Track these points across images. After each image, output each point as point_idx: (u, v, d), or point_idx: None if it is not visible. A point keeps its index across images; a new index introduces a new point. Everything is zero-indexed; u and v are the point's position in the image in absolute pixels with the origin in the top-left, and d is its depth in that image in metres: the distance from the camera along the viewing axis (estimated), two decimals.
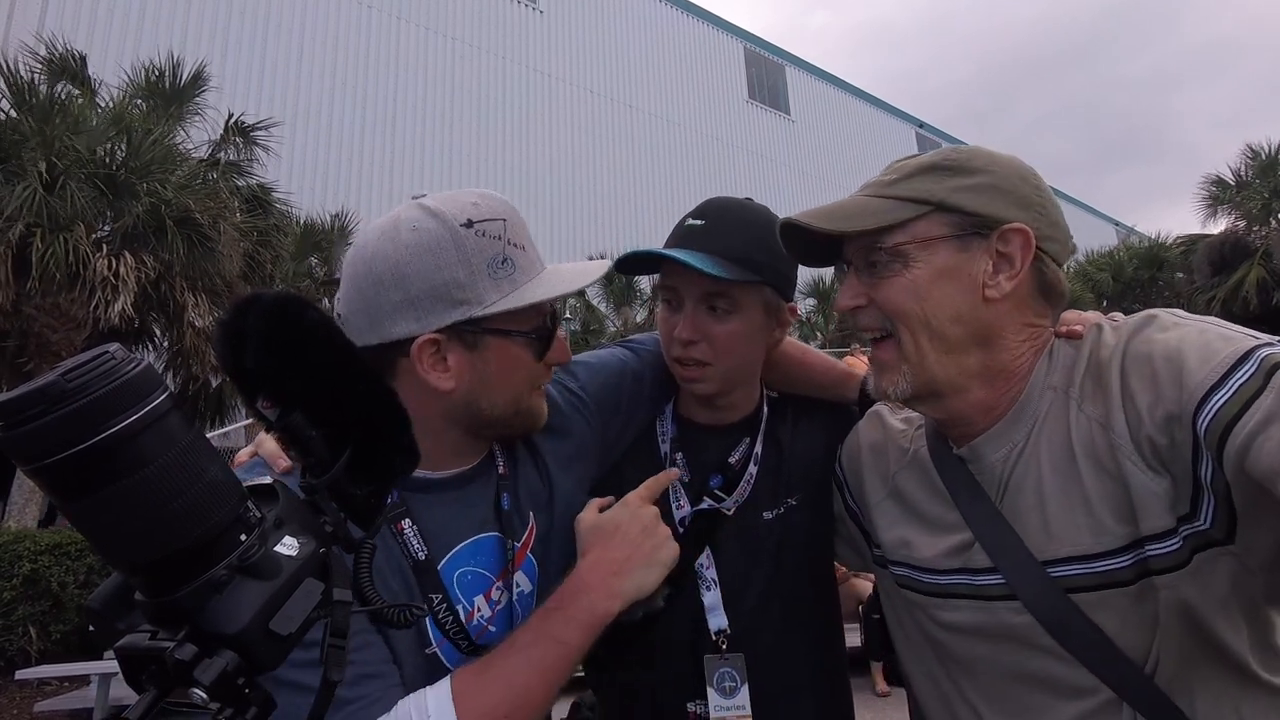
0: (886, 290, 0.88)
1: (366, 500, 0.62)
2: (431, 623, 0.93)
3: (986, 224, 0.86)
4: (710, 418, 1.25)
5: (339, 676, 0.55)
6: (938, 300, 0.86)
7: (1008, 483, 0.90)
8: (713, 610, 1.16)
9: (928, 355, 0.87)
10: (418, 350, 0.91)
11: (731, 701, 1.13)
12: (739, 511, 1.19)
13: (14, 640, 6.49)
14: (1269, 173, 16.12)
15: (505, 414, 0.98)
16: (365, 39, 19.66)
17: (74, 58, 9.78)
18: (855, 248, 0.92)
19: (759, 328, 1.18)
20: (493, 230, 0.92)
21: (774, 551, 1.19)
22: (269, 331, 0.57)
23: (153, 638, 0.48)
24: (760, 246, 1.13)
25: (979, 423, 0.92)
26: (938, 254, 0.87)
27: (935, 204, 0.87)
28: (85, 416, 0.43)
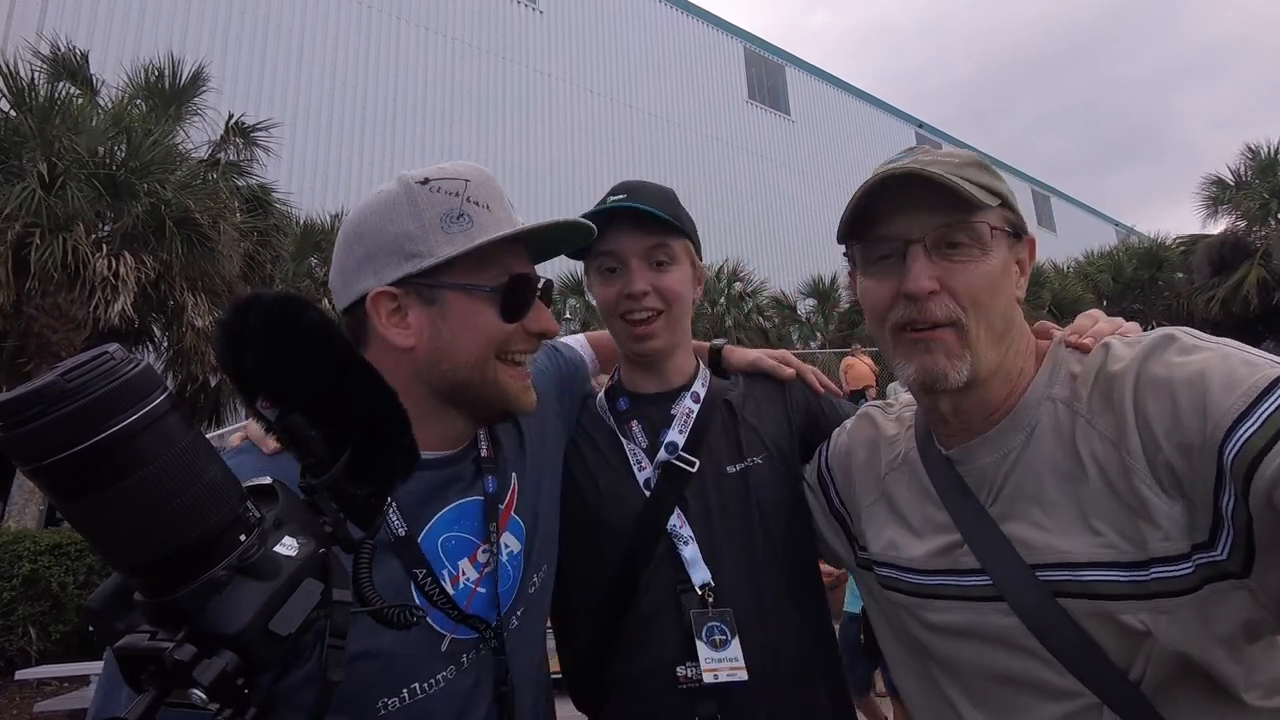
0: (966, 276, 0.87)
1: (366, 500, 0.62)
2: (418, 594, 0.92)
3: (1023, 229, 0.93)
4: (656, 385, 1.31)
5: (338, 677, 0.55)
6: (1001, 292, 0.89)
7: (1001, 486, 0.89)
8: (693, 564, 1.16)
9: (984, 345, 0.88)
10: (372, 303, 0.92)
11: (723, 654, 1.12)
12: (702, 468, 1.22)
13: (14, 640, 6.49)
14: (1268, 173, 16.12)
15: (470, 378, 0.94)
16: (365, 39, 19.66)
17: (75, 56, 9.78)
18: (935, 224, 0.87)
19: (690, 279, 1.28)
20: (449, 187, 0.93)
21: (743, 504, 1.21)
22: (269, 332, 0.57)
23: (152, 638, 0.48)
24: (676, 207, 1.27)
25: (974, 424, 0.93)
26: (1002, 247, 0.89)
27: (1002, 198, 0.89)
28: (85, 417, 0.43)
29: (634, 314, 1.23)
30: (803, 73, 30.66)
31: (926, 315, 0.88)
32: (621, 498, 1.22)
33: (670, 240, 1.23)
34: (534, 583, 1.07)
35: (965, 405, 0.92)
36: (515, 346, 0.97)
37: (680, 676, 1.12)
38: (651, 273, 1.23)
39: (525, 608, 1.04)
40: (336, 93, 18.72)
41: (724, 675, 1.11)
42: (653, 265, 1.23)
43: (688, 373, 1.32)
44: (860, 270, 0.97)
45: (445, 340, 0.93)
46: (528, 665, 1.04)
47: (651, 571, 1.18)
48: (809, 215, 26.74)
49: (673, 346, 1.28)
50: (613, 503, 1.22)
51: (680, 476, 1.21)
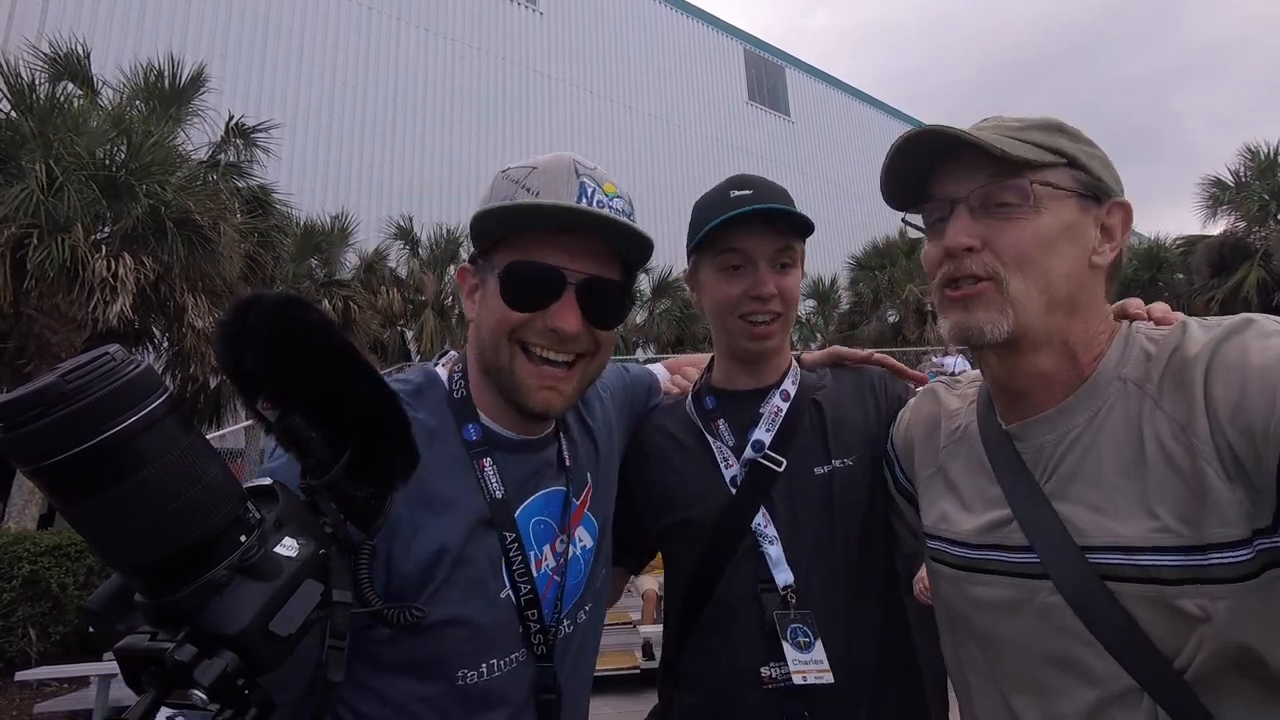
0: (1013, 234, 0.84)
1: (366, 501, 0.62)
2: (505, 568, 0.94)
3: (1104, 191, 0.88)
4: (749, 381, 1.31)
5: (339, 677, 0.55)
6: (1060, 253, 0.85)
7: (1058, 465, 0.87)
8: (778, 565, 1.16)
9: (1033, 305, 0.85)
10: (458, 275, 1.03)
11: (809, 656, 1.12)
12: (790, 468, 1.21)
13: (14, 641, 6.48)
14: (1268, 174, 16.12)
15: (492, 360, 0.97)
16: (365, 40, 19.66)
17: (78, 55, 9.78)
18: (977, 184, 0.86)
19: (800, 280, 1.29)
20: (515, 174, 0.97)
21: (826, 507, 1.19)
22: (270, 333, 0.57)
23: (152, 639, 0.48)
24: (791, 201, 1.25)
25: (1037, 397, 0.90)
26: (1065, 207, 0.86)
27: (1069, 158, 0.86)
28: (85, 418, 0.43)
29: (757, 315, 1.23)
30: (803, 74, 30.67)
31: (962, 269, 0.87)
32: (707, 495, 1.22)
33: (795, 242, 1.24)
34: (600, 577, 1.12)
35: (1019, 372, 0.90)
36: (530, 338, 0.95)
37: (765, 676, 1.12)
38: (776, 275, 1.22)
39: (591, 604, 1.08)
40: (336, 93, 18.73)
41: (811, 677, 1.10)
42: (777, 267, 1.23)
43: (780, 370, 1.31)
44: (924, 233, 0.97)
45: (481, 317, 0.99)
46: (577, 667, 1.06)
47: (734, 568, 1.18)
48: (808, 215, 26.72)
49: (780, 348, 1.30)
50: (699, 499, 1.23)
51: (767, 475, 1.21)
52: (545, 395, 0.96)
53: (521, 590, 0.95)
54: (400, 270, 16.15)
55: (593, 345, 0.99)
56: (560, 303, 0.93)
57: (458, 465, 0.95)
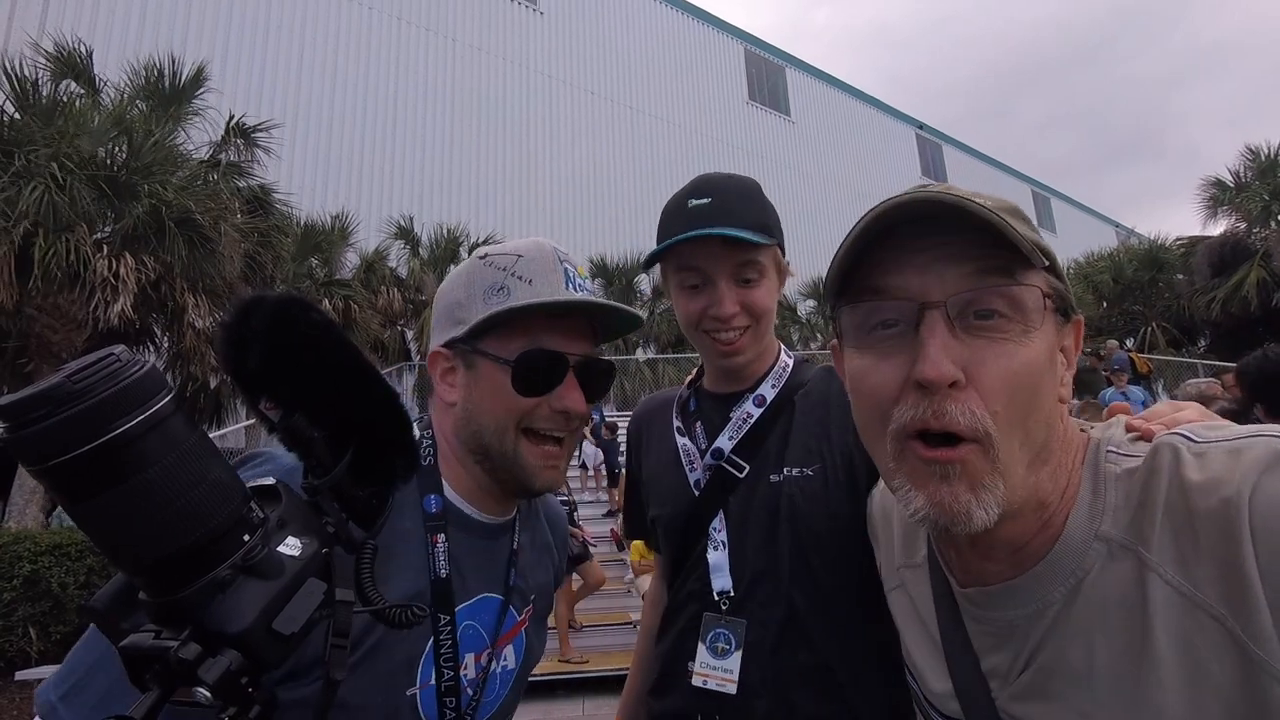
0: (1004, 364, 0.61)
1: (368, 501, 0.62)
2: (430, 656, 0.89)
3: (1071, 306, 0.67)
4: (727, 385, 1.30)
5: (342, 676, 0.55)
6: (1045, 391, 0.62)
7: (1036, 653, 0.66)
8: (717, 570, 1.18)
9: (1018, 468, 0.62)
10: (430, 360, 1.00)
11: (720, 663, 1.12)
12: (749, 474, 1.20)
13: (14, 641, 6.49)
14: (1268, 174, 16.12)
15: (493, 445, 0.95)
16: (365, 40, 19.66)
17: (80, 54, 9.78)
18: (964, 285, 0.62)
19: (776, 286, 1.24)
20: (500, 262, 0.97)
21: (778, 515, 1.15)
22: (272, 333, 0.57)
23: (156, 637, 0.48)
24: (764, 211, 1.20)
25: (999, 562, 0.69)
26: (1048, 326, 0.63)
27: (1050, 262, 0.64)
28: (91, 418, 0.43)
29: (720, 332, 1.20)
30: (803, 74, 30.66)
31: (944, 420, 0.61)
32: (676, 495, 1.26)
33: (759, 256, 1.17)
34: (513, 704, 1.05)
35: (986, 542, 0.68)
36: (539, 423, 0.95)
37: (689, 671, 1.15)
38: (739, 290, 1.18)
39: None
40: (336, 93, 18.73)
41: (713, 684, 1.12)
42: (739, 283, 1.18)
43: (759, 374, 1.27)
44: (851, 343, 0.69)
45: (474, 403, 0.96)
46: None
47: (690, 569, 1.22)
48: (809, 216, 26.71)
49: (757, 355, 1.26)
50: (670, 498, 1.27)
51: (728, 480, 1.21)
52: (549, 474, 0.97)
53: (444, 676, 0.90)
54: (400, 270, 16.16)
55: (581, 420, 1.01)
56: (564, 384, 0.95)
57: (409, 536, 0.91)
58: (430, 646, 0.88)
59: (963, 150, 35.77)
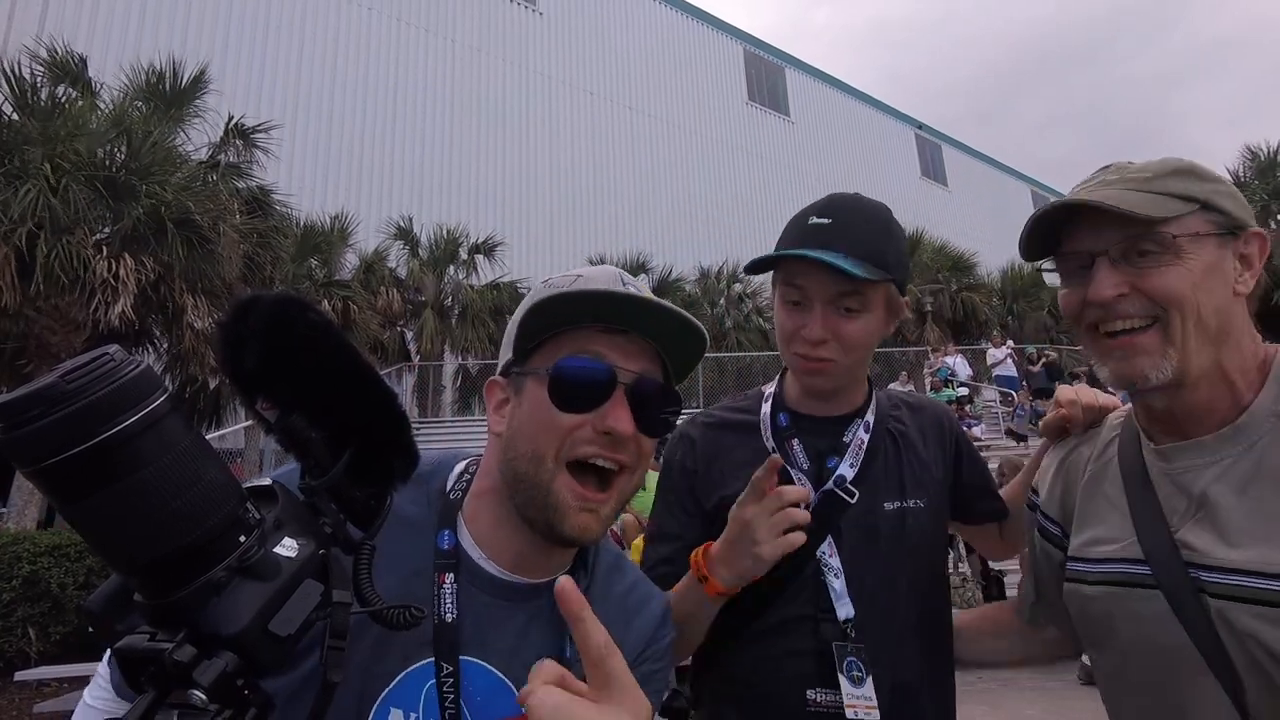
0: (1161, 279, 0.89)
1: (366, 502, 0.62)
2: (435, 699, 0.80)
3: (1238, 225, 0.92)
4: (823, 409, 1.28)
5: (339, 678, 0.55)
6: (1208, 290, 0.89)
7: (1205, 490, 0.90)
8: (840, 598, 1.16)
9: (1191, 343, 0.88)
10: (487, 390, 0.93)
11: (860, 691, 1.12)
12: (861, 500, 1.20)
13: (13, 641, 6.49)
14: (1268, 174, 16.13)
15: (526, 472, 0.84)
16: (365, 40, 19.68)
17: (74, 60, 9.80)
18: (1116, 237, 0.91)
19: (881, 323, 1.21)
20: (560, 283, 0.90)
21: (893, 543, 1.20)
22: (269, 333, 0.57)
23: (152, 639, 0.48)
24: (887, 243, 1.17)
25: (1193, 428, 0.93)
26: (1205, 249, 0.90)
27: (1201, 202, 0.90)
28: (85, 418, 0.43)
29: (807, 355, 1.18)
30: (802, 74, 30.69)
31: (1116, 314, 0.91)
32: None
33: (865, 289, 1.14)
34: None
35: (1179, 407, 0.92)
36: (581, 448, 0.83)
37: (810, 699, 1.14)
38: (837, 318, 1.15)
39: None
40: (336, 94, 18.74)
41: (861, 713, 1.11)
42: (840, 311, 1.15)
43: (858, 401, 1.28)
44: (1061, 283, 1.01)
45: (515, 426, 0.87)
46: None
47: (795, 591, 1.18)
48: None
49: (844, 385, 1.25)
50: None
51: (838, 505, 1.19)
52: (584, 518, 0.84)
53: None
54: (400, 270, 16.17)
55: (635, 457, 0.87)
56: (611, 402, 0.84)
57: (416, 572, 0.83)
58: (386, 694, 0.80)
59: (962, 150, 35.80)
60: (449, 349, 16.03)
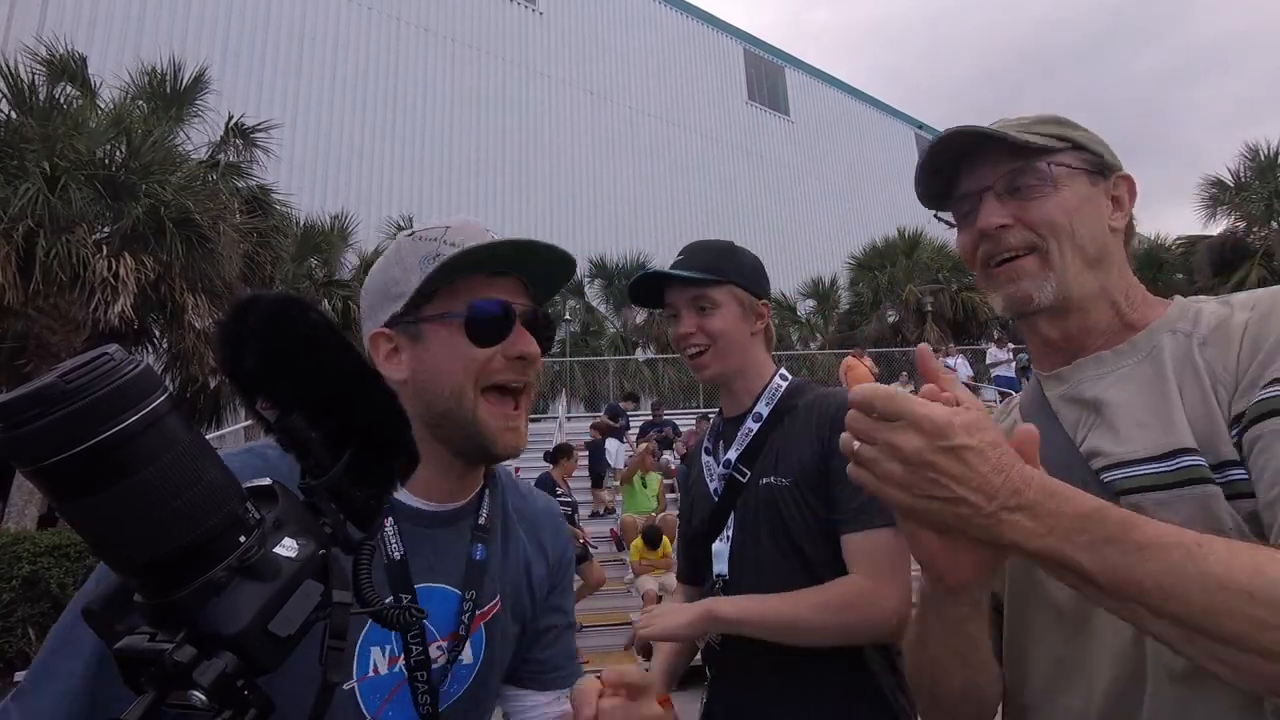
0: (1040, 208, 0.96)
1: (366, 502, 0.62)
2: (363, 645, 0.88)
3: (1107, 167, 1.01)
4: (733, 409, 1.58)
5: (339, 678, 0.55)
6: (1082, 217, 0.97)
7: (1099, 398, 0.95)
8: (718, 557, 1.49)
9: (1071, 266, 0.96)
10: (370, 343, 0.98)
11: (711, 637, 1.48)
12: (750, 479, 1.48)
13: (13, 642, 6.49)
14: (1268, 174, 16.14)
15: (450, 408, 0.94)
16: (365, 40, 19.68)
17: (74, 59, 9.80)
18: (1000, 173, 0.99)
19: (738, 318, 1.52)
20: (429, 234, 0.98)
21: (761, 514, 1.44)
22: (269, 333, 0.57)
23: (151, 639, 0.48)
24: (723, 259, 1.53)
25: (1083, 349, 0.99)
26: (1079, 182, 0.98)
27: (1072, 143, 0.99)
28: (84, 418, 0.43)
29: (688, 350, 1.53)
30: (802, 74, 30.70)
31: (1003, 245, 0.98)
32: (701, 504, 1.57)
33: (709, 290, 1.50)
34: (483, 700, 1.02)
35: (1070, 329, 0.99)
36: (498, 375, 0.96)
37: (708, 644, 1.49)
38: (697, 317, 1.50)
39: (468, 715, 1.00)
40: (336, 94, 18.75)
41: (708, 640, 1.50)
42: (697, 311, 1.51)
43: (753, 394, 1.55)
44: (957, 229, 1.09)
45: (428, 371, 0.95)
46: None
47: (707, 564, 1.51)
48: (808, 216, 26.74)
49: (728, 374, 1.54)
50: (697, 506, 1.59)
51: (736, 485, 1.49)
52: (509, 436, 0.97)
53: (413, 652, 0.90)
54: None
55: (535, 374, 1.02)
56: (515, 332, 0.97)
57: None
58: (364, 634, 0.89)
59: None
60: None
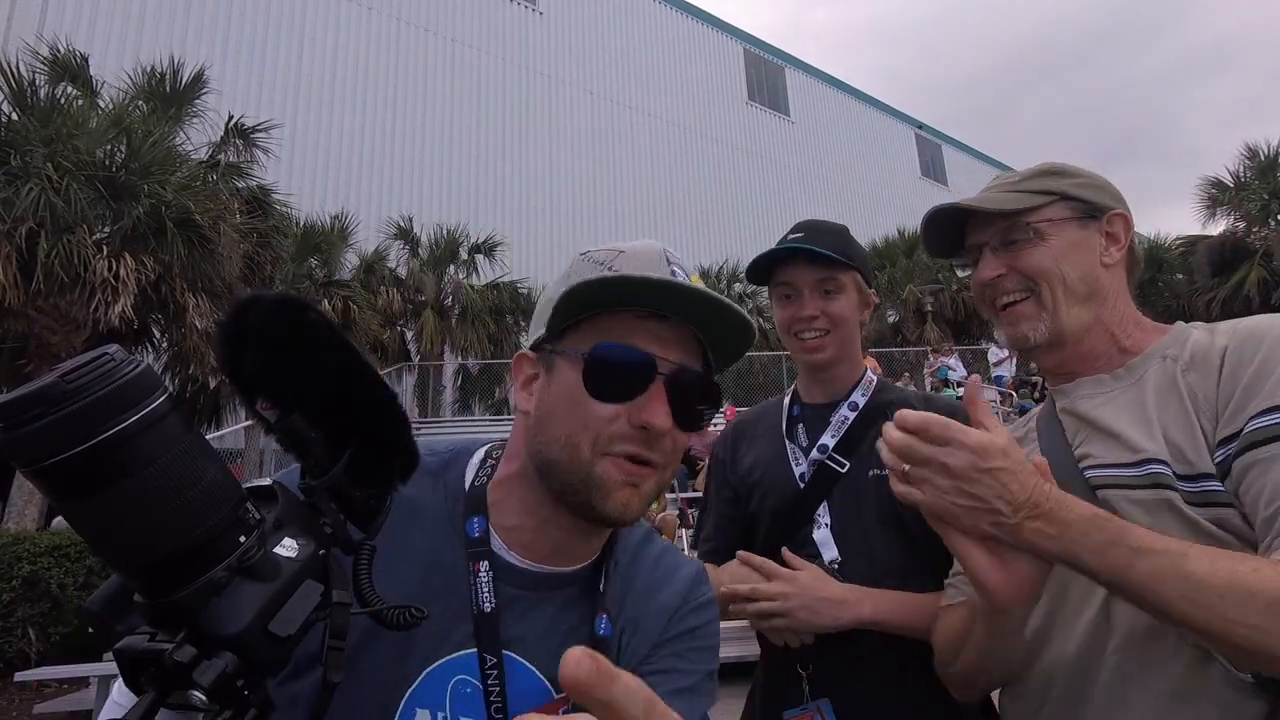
0: (1027, 258, 1.09)
1: (366, 502, 0.62)
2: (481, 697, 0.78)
3: (1098, 209, 1.11)
4: (824, 394, 1.55)
5: (339, 678, 0.55)
6: (1070, 261, 1.08)
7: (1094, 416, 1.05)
8: (824, 544, 1.42)
9: (1061, 305, 1.07)
10: (515, 364, 0.88)
11: None
12: (850, 469, 1.44)
13: (13, 642, 6.50)
14: (1268, 174, 16.13)
15: (561, 459, 0.80)
16: (365, 40, 19.67)
17: (75, 58, 9.80)
18: (994, 230, 1.13)
19: (856, 306, 1.51)
20: (600, 257, 0.86)
21: (874, 505, 1.40)
22: (269, 332, 0.57)
23: (152, 639, 0.48)
24: (847, 244, 1.50)
25: (1084, 374, 1.10)
26: (1066, 231, 1.10)
27: (1059, 194, 1.11)
28: (84, 418, 0.43)
29: (804, 334, 1.49)
30: (802, 74, 30.68)
31: (1001, 290, 1.12)
32: (779, 489, 1.48)
33: (838, 274, 1.47)
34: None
35: (1068, 360, 1.11)
36: (616, 445, 0.79)
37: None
38: (822, 300, 1.47)
39: None
40: (336, 94, 18.74)
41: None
42: (822, 294, 1.47)
43: (849, 384, 1.54)
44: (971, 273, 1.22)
45: (546, 408, 0.82)
46: None
47: (796, 548, 1.42)
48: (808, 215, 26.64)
49: (838, 360, 1.51)
50: (771, 493, 1.49)
51: (831, 474, 1.45)
52: (625, 494, 0.80)
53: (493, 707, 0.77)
54: (400, 270, 16.17)
55: (669, 455, 0.83)
56: (649, 394, 0.79)
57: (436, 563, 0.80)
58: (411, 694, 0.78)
59: (962, 150, 35.80)
60: (449, 349, 16.04)
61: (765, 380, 16.74)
